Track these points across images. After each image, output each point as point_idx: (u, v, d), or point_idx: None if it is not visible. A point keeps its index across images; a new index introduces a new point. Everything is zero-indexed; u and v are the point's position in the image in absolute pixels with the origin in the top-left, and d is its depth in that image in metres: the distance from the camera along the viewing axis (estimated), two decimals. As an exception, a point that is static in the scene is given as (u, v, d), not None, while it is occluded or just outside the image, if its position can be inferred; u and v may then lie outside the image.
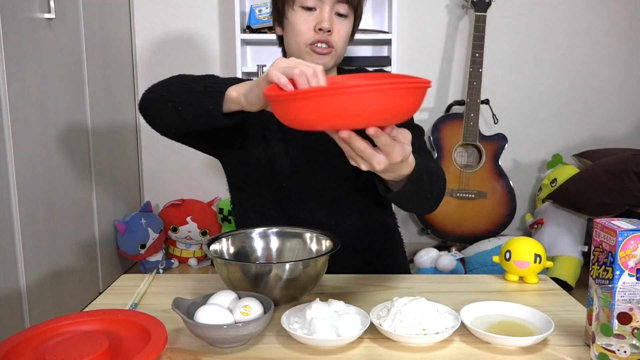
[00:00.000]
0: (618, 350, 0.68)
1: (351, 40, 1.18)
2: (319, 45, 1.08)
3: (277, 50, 1.23)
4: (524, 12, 2.72)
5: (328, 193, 1.17)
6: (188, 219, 2.61)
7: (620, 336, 0.68)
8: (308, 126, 0.69)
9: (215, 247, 1.00)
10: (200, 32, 2.72)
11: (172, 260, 2.66)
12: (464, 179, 2.48)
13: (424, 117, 2.79)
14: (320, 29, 1.07)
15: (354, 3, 1.10)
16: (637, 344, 0.68)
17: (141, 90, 2.76)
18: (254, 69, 2.52)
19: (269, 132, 1.17)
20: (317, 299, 0.85)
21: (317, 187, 1.17)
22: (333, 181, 1.17)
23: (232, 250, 1.04)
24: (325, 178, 1.16)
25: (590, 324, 0.74)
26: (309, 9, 1.08)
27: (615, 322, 0.68)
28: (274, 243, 1.07)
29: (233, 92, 0.89)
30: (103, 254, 2.32)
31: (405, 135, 0.78)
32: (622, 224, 0.78)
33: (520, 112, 2.81)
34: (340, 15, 1.10)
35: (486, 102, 2.62)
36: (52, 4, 1.86)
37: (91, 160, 2.21)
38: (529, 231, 2.60)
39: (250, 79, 0.91)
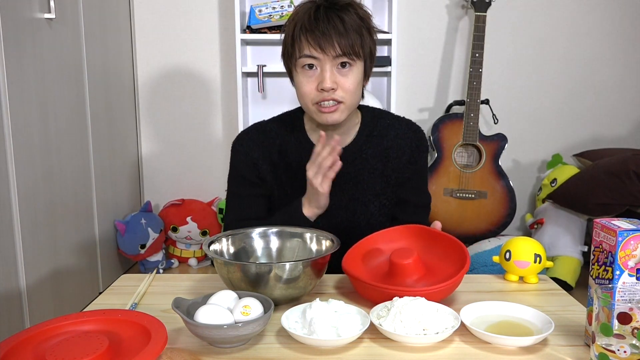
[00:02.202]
0: (618, 350, 0.68)
1: (367, 80, 1.16)
2: (324, 104, 1.08)
3: (277, 50, 1.24)
4: (524, 12, 2.72)
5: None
6: (188, 219, 2.61)
7: (620, 336, 0.68)
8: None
9: (215, 247, 1.00)
10: (200, 32, 2.72)
11: (172, 260, 2.66)
12: (464, 179, 2.48)
13: (424, 117, 2.79)
14: (322, 89, 1.06)
15: (356, 52, 1.07)
16: (637, 344, 0.68)
17: (141, 88, 2.76)
18: (254, 69, 2.52)
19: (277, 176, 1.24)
20: (317, 299, 0.85)
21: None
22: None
23: (232, 250, 1.04)
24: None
25: (590, 324, 0.74)
26: (310, 66, 1.07)
27: (615, 322, 0.68)
28: (274, 243, 1.07)
29: (308, 212, 1.14)
30: (103, 254, 2.32)
31: None
32: (622, 224, 0.77)
33: (520, 112, 2.81)
34: (343, 66, 1.07)
35: (486, 102, 2.62)
36: (52, 4, 1.86)
37: (91, 161, 2.21)
38: (529, 231, 2.60)
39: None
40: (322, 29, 1.04)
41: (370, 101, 2.36)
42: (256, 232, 1.07)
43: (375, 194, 1.22)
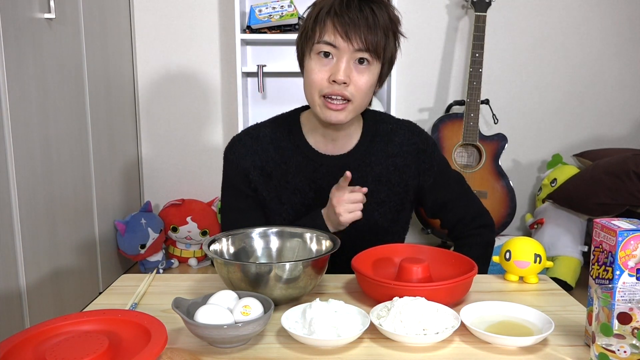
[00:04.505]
0: (618, 350, 0.68)
1: (381, 86, 1.09)
2: (333, 100, 1.01)
3: (277, 50, 1.22)
4: (524, 12, 2.72)
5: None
6: (188, 219, 2.61)
7: (620, 336, 0.68)
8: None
9: (215, 247, 1.00)
10: (200, 32, 2.72)
11: (172, 260, 2.66)
12: (464, 179, 2.48)
13: (424, 117, 2.79)
14: (334, 81, 0.99)
15: (378, 52, 1.00)
16: (637, 344, 0.68)
17: (141, 88, 2.76)
18: (254, 69, 2.52)
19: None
20: (317, 299, 0.84)
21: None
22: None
23: (232, 250, 1.04)
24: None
25: (590, 324, 0.74)
26: (326, 54, 1.00)
27: (615, 322, 0.68)
28: (274, 243, 1.07)
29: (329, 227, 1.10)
30: (103, 254, 2.32)
31: None
32: (622, 224, 0.77)
33: (520, 112, 2.81)
34: (361, 62, 1.01)
35: (486, 102, 2.62)
36: (52, 4, 1.86)
37: (91, 160, 2.21)
38: (529, 231, 2.60)
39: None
40: (353, 16, 0.97)
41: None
42: (256, 232, 1.07)
43: (379, 202, 1.17)
